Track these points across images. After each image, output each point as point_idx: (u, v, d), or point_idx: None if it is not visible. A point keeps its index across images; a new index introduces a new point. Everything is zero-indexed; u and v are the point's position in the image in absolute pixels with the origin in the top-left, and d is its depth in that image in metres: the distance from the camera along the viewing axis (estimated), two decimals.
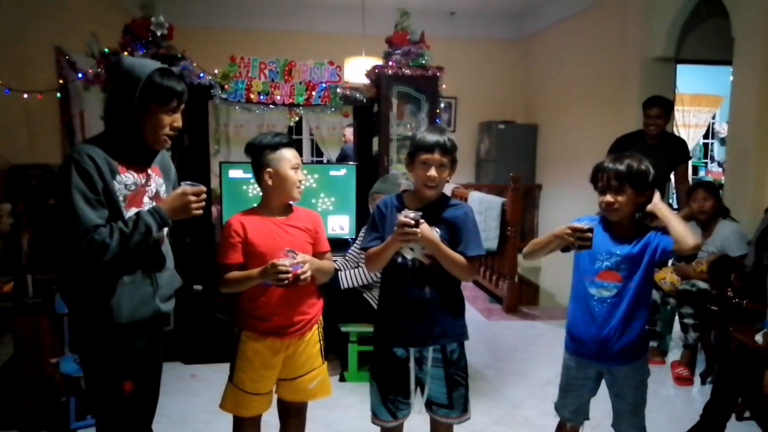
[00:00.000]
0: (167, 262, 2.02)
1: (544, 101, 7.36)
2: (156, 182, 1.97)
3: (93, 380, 1.93)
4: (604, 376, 2.18)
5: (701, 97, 7.83)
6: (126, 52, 3.54)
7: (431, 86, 4.01)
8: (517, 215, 5.04)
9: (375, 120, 4.13)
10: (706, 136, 8.47)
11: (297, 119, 5.96)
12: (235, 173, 3.83)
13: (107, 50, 3.67)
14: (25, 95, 4.03)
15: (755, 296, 3.16)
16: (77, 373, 2.77)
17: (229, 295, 2.14)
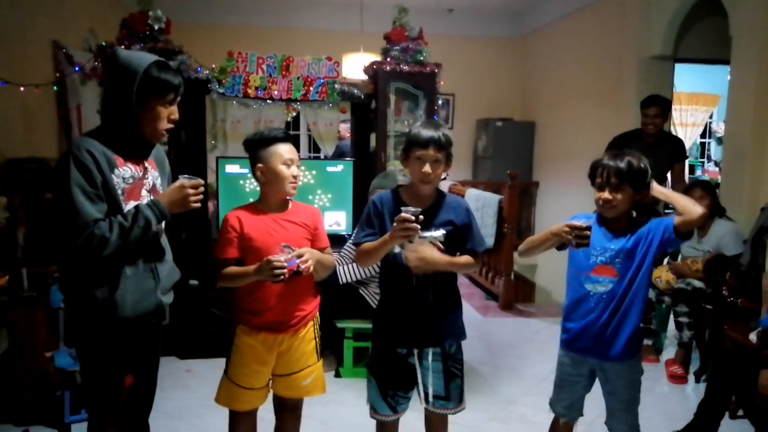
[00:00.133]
0: (167, 255, 2.02)
1: (541, 99, 7.36)
2: (152, 175, 1.97)
3: (91, 374, 1.92)
4: (597, 373, 2.18)
5: (699, 96, 7.83)
6: (123, 46, 3.52)
7: (429, 83, 4.00)
8: (514, 212, 5.05)
9: (372, 116, 4.12)
10: (704, 135, 8.48)
11: (294, 114, 5.95)
12: (231, 168, 3.82)
13: (104, 44, 3.66)
14: (22, 89, 4.02)
15: (750, 295, 3.17)
16: (72, 367, 2.77)
17: (226, 290, 2.14)
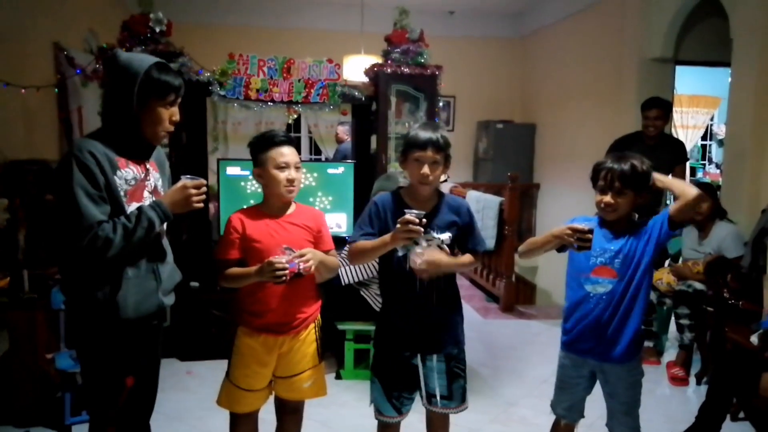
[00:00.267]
0: (168, 256, 2.02)
1: (542, 101, 7.36)
2: (154, 177, 1.97)
3: (92, 376, 1.92)
4: (597, 375, 2.18)
5: (699, 99, 7.82)
6: (124, 49, 3.53)
7: (430, 85, 4.00)
8: (515, 214, 5.05)
9: (373, 118, 4.12)
10: (704, 137, 8.47)
11: (295, 117, 5.94)
12: (232, 170, 3.81)
13: (105, 46, 3.66)
14: (23, 90, 4.02)
15: (751, 297, 3.17)
16: (73, 368, 2.78)
17: (227, 291, 2.14)
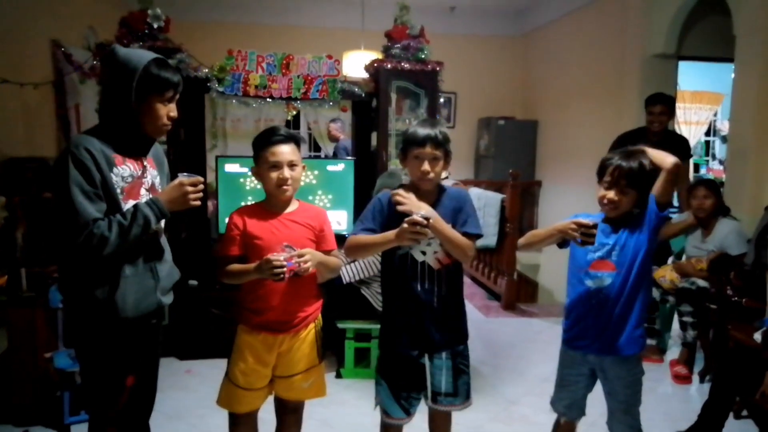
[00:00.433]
0: (166, 254, 2.01)
1: (544, 97, 7.33)
2: (151, 174, 1.96)
3: (91, 375, 1.91)
4: (597, 373, 2.16)
5: (703, 95, 7.78)
6: (123, 45, 3.51)
7: (430, 81, 3.97)
8: (516, 212, 5.02)
9: (374, 115, 4.10)
10: (708, 133, 8.44)
11: (295, 113, 5.91)
12: (231, 167, 3.80)
13: (103, 43, 3.64)
14: (21, 86, 4.01)
15: (754, 295, 3.14)
16: (71, 368, 2.76)
17: (226, 289, 2.12)
